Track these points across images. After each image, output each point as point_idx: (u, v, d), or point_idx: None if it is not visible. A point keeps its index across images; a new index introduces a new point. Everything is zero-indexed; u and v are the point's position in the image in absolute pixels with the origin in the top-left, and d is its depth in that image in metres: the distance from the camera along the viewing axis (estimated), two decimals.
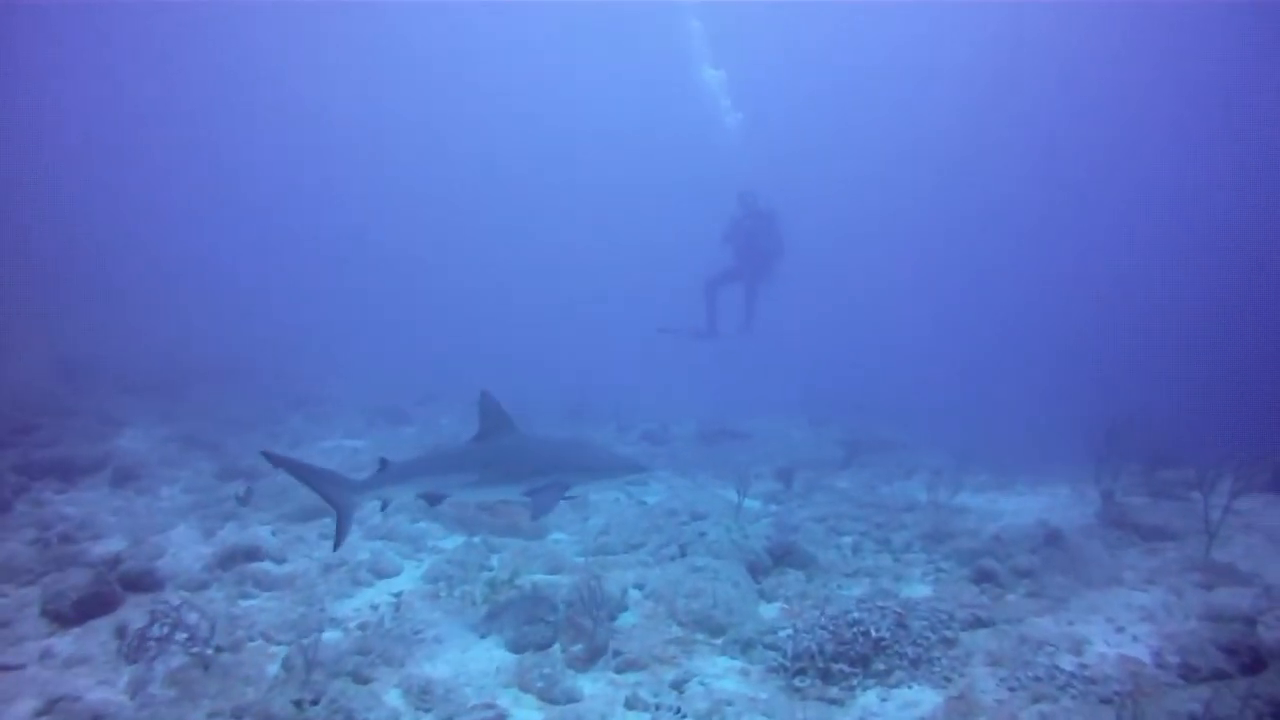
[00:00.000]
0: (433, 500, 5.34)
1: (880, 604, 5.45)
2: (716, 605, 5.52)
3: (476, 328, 31.94)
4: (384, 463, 5.36)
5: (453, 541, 7.79)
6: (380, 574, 6.81)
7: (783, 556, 6.92)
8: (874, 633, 4.98)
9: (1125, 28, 31.41)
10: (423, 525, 8.19)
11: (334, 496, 5.24)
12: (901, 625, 5.16)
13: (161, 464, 10.19)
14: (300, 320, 26.08)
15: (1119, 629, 5.71)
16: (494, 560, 7.05)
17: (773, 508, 9.23)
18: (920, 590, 6.52)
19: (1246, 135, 33.59)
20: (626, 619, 5.71)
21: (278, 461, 5.10)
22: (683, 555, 6.90)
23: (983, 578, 6.66)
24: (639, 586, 6.25)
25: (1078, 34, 33.19)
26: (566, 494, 5.16)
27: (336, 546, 5.41)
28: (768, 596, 6.22)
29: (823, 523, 8.46)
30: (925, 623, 5.44)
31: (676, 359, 23.73)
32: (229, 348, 18.61)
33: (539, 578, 6.30)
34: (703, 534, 7.26)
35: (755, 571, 6.57)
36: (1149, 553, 7.80)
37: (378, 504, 5.62)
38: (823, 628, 4.97)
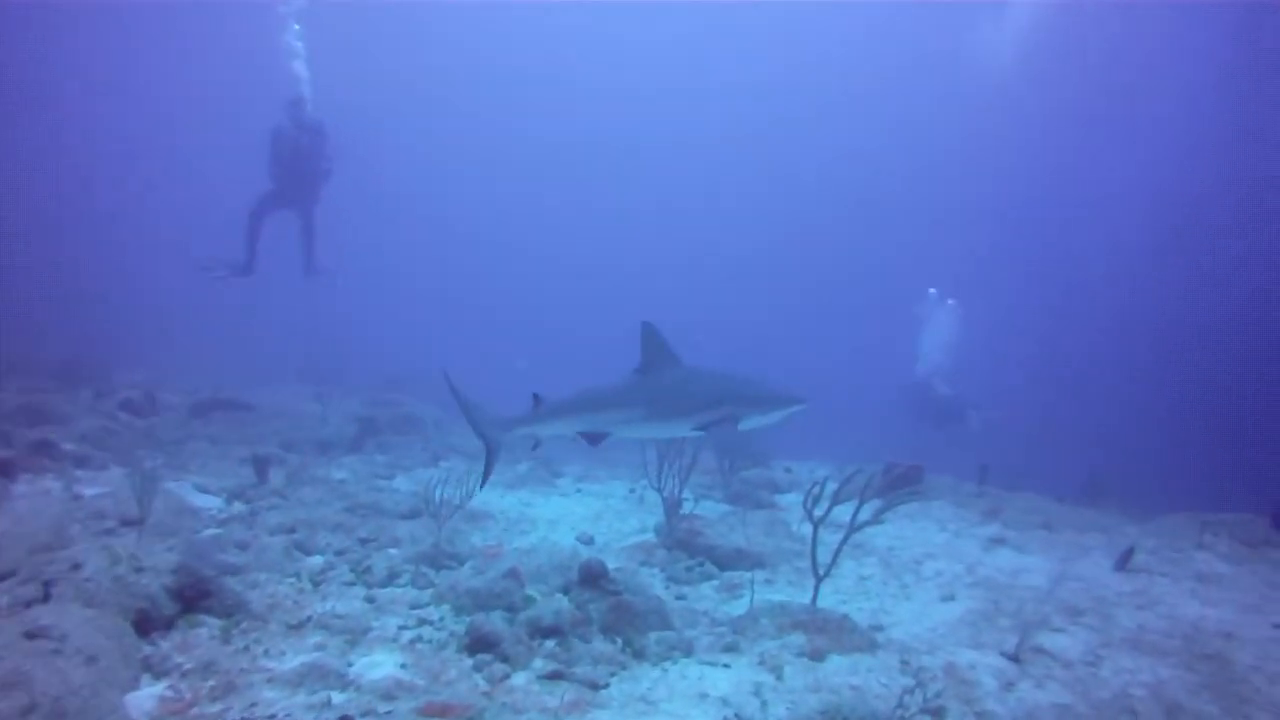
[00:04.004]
0: (593, 440, 5.59)
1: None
2: (35, 708, 3.77)
3: None
4: (537, 398, 5.70)
5: None
6: None
7: (196, 599, 5.35)
8: None
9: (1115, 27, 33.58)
10: None
11: (487, 432, 5.81)
12: None
13: None
14: None
15: None
16: None
17: (238, 507, 7.97)
18: (383, 666, 4.78)
19: None
20: None
21: (452, 388, 5.87)
22: (45, 600, 5.15)
23: (481, 645, 5.00)
24: None
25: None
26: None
27: (482, 486, 6.19)
28: (156, 670, 4.57)
29: (289, 535, 7.10)
30: None
31: (183, 306, 22.49)
32: None
33: None
34: (77, 565, 5.37)
35: (147, 625, 5.03)
36: (730, 593, 6.43)
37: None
38: None
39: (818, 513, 5.68)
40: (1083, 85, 34.60)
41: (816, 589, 5.70)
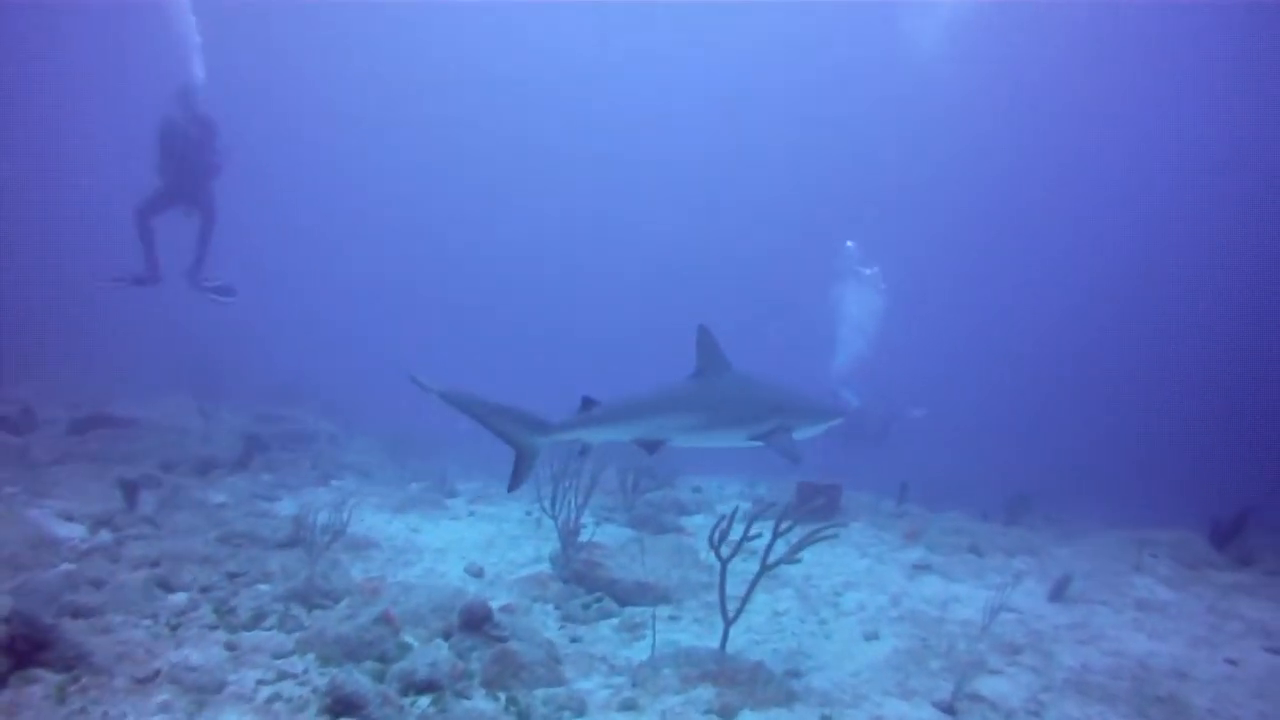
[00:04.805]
0: (651, 448, 5.36)
1: None
2: None
3: None
4: (587, 401, 5.41)
5: None
6: None
7: (32, 651, 4.62)
8: None
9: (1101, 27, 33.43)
10: None
11: (516, 437, 5.34)
12: None
13: None
14: None
15: None
16: None
17: (103, 537, 7.17)
18: None
19: None
20: None
21: (438, 393, 5.26)
22: None
23: (343, 707, 4.35)
24: None
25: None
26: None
27: (511, 489, 5.48)
28: None
29: (153, 569, 6.41)
30: None
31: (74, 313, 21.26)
32: None
33: None
34: None
35: None
36: (631, 634, 5.77)
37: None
38: None
39: (729, 548, 5.04)
40: (1083, 84, 34.97)
41: (726, 633, 5.04)
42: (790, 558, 4.90)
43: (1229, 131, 30.75)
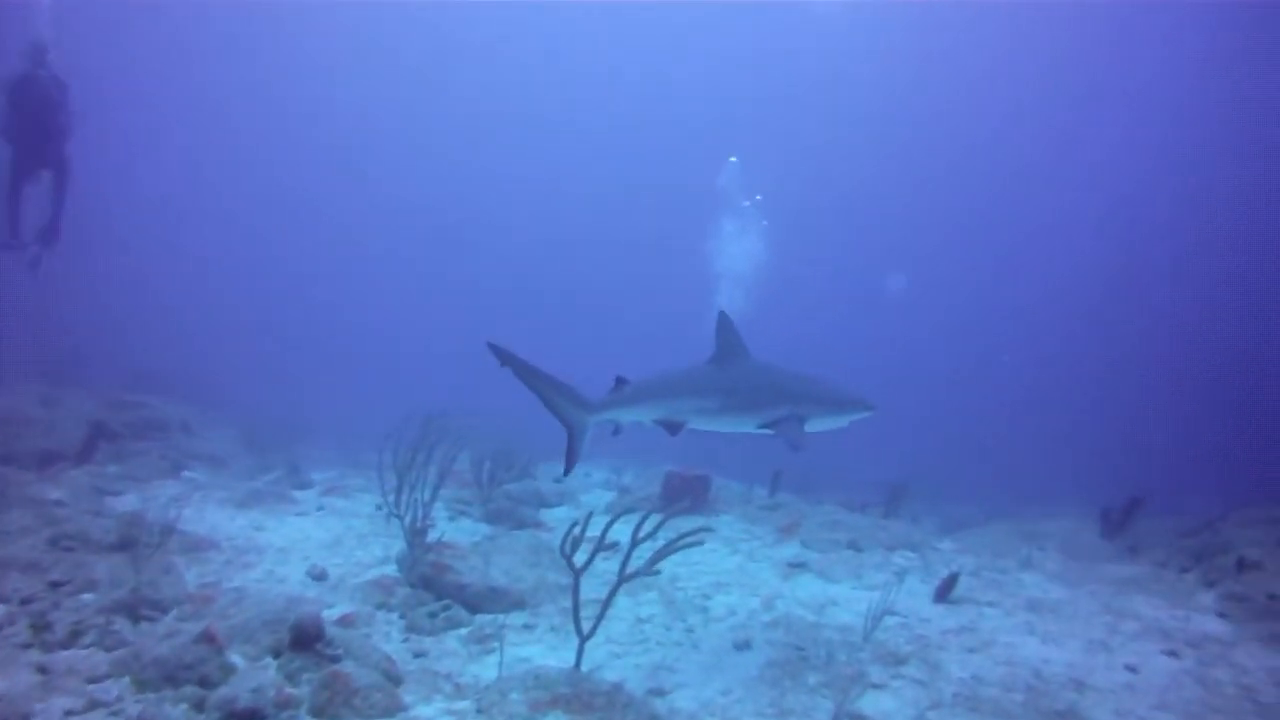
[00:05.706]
0: (672, 429, 5.30)
1: None
2: None
3: None
4: (620, 381, 5.40)
5: None
6: None
7: None
8: None
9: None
10: None
11: (567, 414, 5.28)
12: None
13: None
14: None
15: None
16: None
17: None
18: None
19: None
20: None
21: (507, 360, 5.15)
22: None
23: None
24: None
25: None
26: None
27: (566, 473, 5.48)
28: None
29: None
30: None
31: None
32: None
33: None
34: None
35: None
36: (481, 645, 5.23)
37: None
38: None
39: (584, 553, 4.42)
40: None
41: (581, 650, 4.41)
42: (649, 569, 4.34)
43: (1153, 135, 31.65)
